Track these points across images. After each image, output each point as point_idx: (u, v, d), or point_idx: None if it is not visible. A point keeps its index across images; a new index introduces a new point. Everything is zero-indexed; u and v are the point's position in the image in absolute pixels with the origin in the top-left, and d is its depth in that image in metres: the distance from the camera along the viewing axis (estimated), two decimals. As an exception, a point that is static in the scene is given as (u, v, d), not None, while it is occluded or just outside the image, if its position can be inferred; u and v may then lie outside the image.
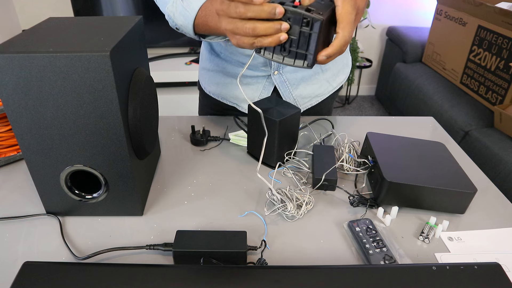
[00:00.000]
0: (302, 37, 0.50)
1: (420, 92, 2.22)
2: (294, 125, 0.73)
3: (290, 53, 0.52)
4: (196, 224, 0.60)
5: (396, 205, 0.62)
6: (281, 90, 0.89)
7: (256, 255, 0.54)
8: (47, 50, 0.46)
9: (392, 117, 0.96)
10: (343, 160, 0.72)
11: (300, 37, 0.50)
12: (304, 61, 0.51)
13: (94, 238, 0.57)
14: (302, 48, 0.51)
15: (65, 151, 0.53)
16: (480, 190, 0.69)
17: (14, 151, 0.73)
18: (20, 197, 0.65)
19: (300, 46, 0.51)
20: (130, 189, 0.58)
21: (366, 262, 0.53)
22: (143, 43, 0.65)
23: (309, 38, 0.49)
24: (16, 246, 0.56)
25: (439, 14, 2.26)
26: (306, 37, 0.50)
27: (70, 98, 0.49)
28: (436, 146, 0.73)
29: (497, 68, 1.80)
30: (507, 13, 1.71)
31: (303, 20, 0.48)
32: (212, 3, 0.68)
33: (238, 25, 0.50)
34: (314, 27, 0.48)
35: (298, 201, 0.62)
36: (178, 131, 0.87)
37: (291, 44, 0.51)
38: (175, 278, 0.44)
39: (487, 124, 1.78)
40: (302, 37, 0.50)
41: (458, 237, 0.59)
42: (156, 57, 2.33)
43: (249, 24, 0.49)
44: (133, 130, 0.55)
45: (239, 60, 0.86)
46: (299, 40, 0.50)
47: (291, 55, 0.52)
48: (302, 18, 0.48)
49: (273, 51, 0.52)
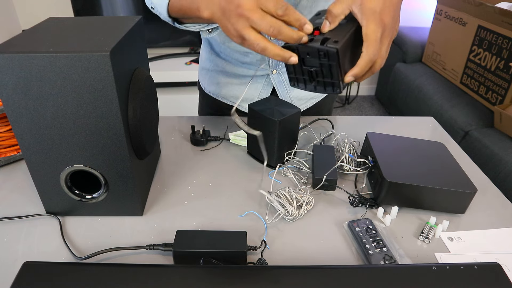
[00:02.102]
0: (325, 68, 0.51)
1: (420, 92, 2.22)
2: (294, 125, 0.73)
3: (319, 82, 0.53)
4: (196, 224, 0.60)
5: (396, 205, 0.62)
6: (279, 90, 0.90)
7: (256, 255, 0.54)
8: (47, 50, 0.46)
9: (392, 117, 0.96)
10: (343, 160, 0.72)
11: (323, 68, 0.51)
12: (333, 88, 0.53)
13: (94, 238, 0.57)
14: (327, 77, 0.52)
15: (65, 151, 0.53)
16: (480, 190, 0.69)
17: (14, 151, 0.73)
18: (20, 197, 0.65)
19: (325, 75, 0.52)
20: (130, 189, 0.58)
21: (366, 262, 0.53)
22: (143, 43, 0.65)
23: (330, 67, 0.50)
24: (16, 246, 0.56)
25: (439, 14, 2.26)
26: (327, 67, 0.50)
27: (70, 98, 0.49)
28: (436, 146, 0.73)
29: (497, 68, 1.80)
30: (507, 13, 1.71)
31: (320, 53, 0.49)
32: None
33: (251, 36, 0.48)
34: (331, 58, 0.49)
35: (298, 202, 0.62)
36: (178, 131, 0.87)
37: (317, 75, 0.52)
38: (175, 278, 0.44)
39: (487, 124, 1.78)
40: (325, 67, 0.51)
41: (458, 237, 0.59)
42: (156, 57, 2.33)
43: (262, 44, 0.48)
44: (133, 130, 0.55)
45: (239, 60, 0.87)
46: (322, 70, 0.51)
47: (320, 84, 0.53)
48: (318, 51, 0.49)
49: (305, 83, 0.55)
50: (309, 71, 0.53)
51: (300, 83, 0.55)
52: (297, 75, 0.55)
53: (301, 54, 0.51)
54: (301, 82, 0.55)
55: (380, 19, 0.50)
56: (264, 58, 0.84)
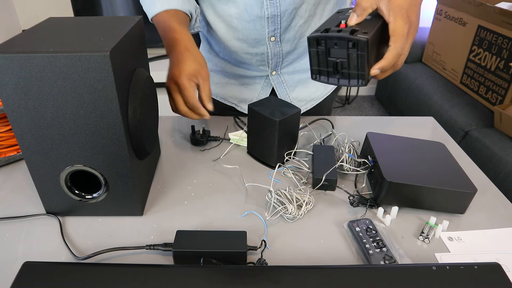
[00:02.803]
0: (352, 59, 0.51)
1: (420, 92, 2.22)
2: (294, 125, 0.73)
3: (343, 74, 0.53)
4: (196, 224, 0.60)
5: (396, 205, 0.62)
6: (278, 91, 0.90)
7: (256, 255, 0.54)
8: (47, 50, 0.46)
9: (392, 117, 0.96)
10: (343, 160, 0.72)
11: (350, 59, 0.51)
12: (359, 80, 0.53)
13: (94, 238, 0.57)
14: (353, 69, 0.52)
15: (65, 151, 0.53)
16: (480, 190, 0.69)
17: (14, 151, 0.73)
18: (20, 197, 0.65)
19: (351, 67, 0.52)
20: (130, 189, 0.58)
21: (366, 262, 0.53)
22: (143, 43, 0.65)
23: (358, 58, 0.51)
24: (16, 246, 0.56)
25: (439, 14, 2.26)
26: (355, 58, 0.51)
27: (70, 98, 0.49)
28: (436, 146, 0.73)
29: (497, 68, 1.80)
30: (507, 13, 1.71)
31: (349, 43, 0.50)
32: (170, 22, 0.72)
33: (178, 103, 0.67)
34: (360, 48, 0.49)
35: (298, 202, 0.62)
36: (178, 131, 0.87)
37: (342, 67, 0.52)
38: (175, 278, 0.44)
39: (487, 124, 1.78)
40: (352, 58, 0.51)
41: (458, 237, 0.59)
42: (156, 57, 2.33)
43: (183, 110, 0.67)
44: (133, 130, 0.55)
45: (238, 60, 0.87)
46: (349, 62, 0.51)
47: (344, 76, 0.53)
48: (348, 41, 0.50)
49: (328, 75, 0.55)
50: (334, 62, 0.52)
51: (323, 76, 0.55)
52: (321, 67, 0.54)
53: (328, 44, 0.51)
54: (324, 75, 0.55)
55: (407, 16, 0.52)
56: (263, 58, 0.84)
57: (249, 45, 0.82)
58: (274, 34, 0.79)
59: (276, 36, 0.80)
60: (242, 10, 0.76)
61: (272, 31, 0.79)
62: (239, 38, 0.81)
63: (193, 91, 0.65)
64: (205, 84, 0.66)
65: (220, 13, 0.79)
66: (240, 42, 0.82)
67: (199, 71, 0.66)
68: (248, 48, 0.82)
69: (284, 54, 0.84)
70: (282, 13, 0.76)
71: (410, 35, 0.53)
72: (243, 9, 0.76)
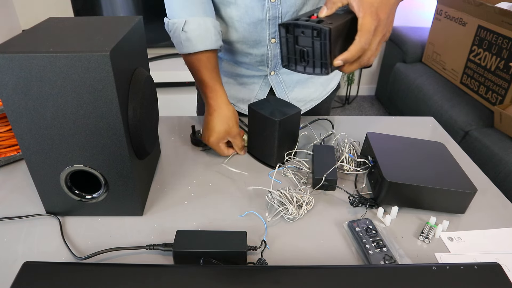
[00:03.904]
0: (316, 47, 0.54)
1: (420, 92, 2.22)
2: (294, 125, 0.73)
3: (309, 63, 0.56)
4: (196, 224, 0.60)
5: (396, 205, 0.62)
6: (277, 91, 0.89)
7: (256, 255, 0.54)
8: (47, 50, 0.46)
9: (392, 117, 0.96)
10: (343, 160, 0.72)
11: (314, 47, 0.54)
12: (322, 69, 0.56)
13: (94, 238, 0.57)
14: (317, 57, 0.55)
15: (65, 151, 0.53)
16: (480, 190, 0.69)
17: (14, 151, 0.73)
18: (20, 197, 0.65)
19: (315, 55, 0.55)
20: (130, 189, 0.58)
21: (366, 262, 0.53)
22: (143, 43, 0.65)
23: (321, 47, 0.53)
24: (16, 246, 0.56)
25: (439, 14, 2.26)
26: (319, 47, 0.53)
27: (70, 98, 0.49)
28: (436, 146, 0.73)
29: (497, 68, 1.80)
30: (507, 13, 1.71)
31: (313, 31, 0.52)
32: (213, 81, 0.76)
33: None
34: (322, 37, 0.52)
35: (298, 202, 0.62)
36: (178, 131, 0.87)
37: (308, 55, 0.55)
38: (175, 278, 0.44)
39: (487, 124, 1.78)
40: (316, 47, 0.54)
41: (458, 237, 0.59)
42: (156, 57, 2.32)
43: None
44: (133, 130, 0.55)
45: (238, 59, 0.86)
46: (313, 50, 0.54)
47: (310, 64, 0.56)
48: (312, 29, 0.52)
49: (295, 63, 0.58)
50: (301, 50, 0.55)
51: (291, 63, 0.58)
52: (290, 54, 0.58)
53: (295, 32, 0.54)
54: (292, 62, 0.58)
55: (376, 13, 0.53)
56: (263, 59, 0.84)
57: (249, 46, 0.82)
58: (274, 36, 0.79)
59: (277, 37, 0.80)
60: (243, 13, 0.76)
61: (273, 33, 0.79)
62: (239, 40, 0.81)
63: (223, 150, 0.76)
64: (236, 140, 0.77)
65: (221, 15, 0.79)
66: (240, 43, 0.82)
67: (228, 132, 0.75)
68: (248, 49, 0.82)
69: None
70: (283, 15, 0.76)
71: (379, 32, 0.54)
72: (244, 11, 0.76)
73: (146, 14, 2.27)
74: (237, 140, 0.77)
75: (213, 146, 0.75)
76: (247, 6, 0.75)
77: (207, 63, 0.75)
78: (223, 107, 0.75)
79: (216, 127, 0.74)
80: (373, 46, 0.55)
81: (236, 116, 0.76)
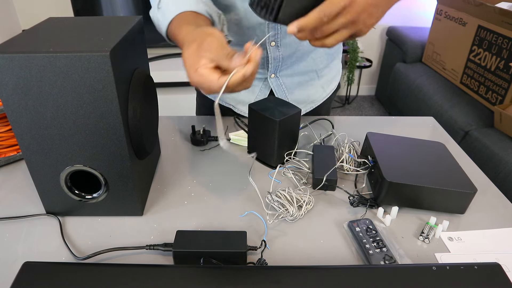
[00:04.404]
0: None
1: (420, 92, 2.22)
2: (295, 125, 0.73)
3: (265, 5, 0.51)
4: (196, 224, 0.60)
5: (396, 205, 0.62)
6: (277, 94, 0.89)
7: (256, 255, 0.54)
8: (47, 50, 0.46)
9: (392, 117, 0.96)
10: (343, 160, 0.72)
11: None
12: (266, 12, 0.51)
13: (94, 238, 0.57)
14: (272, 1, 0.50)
15: (65, 151, 0.53)
16: (480, 190, 0.69)
17: (14, 151, 0.73)
18: (20, 197, 0.65)
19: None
20: (130, 189, 0.58)
21: (366, 262, 0.53)
22: (143, 43, 0.65)
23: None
24: (16, 246, 0.56)
25: (439, 14, 2.26)
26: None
27: (70, 98, 0.49)
28: (436, 146, 0.73)
29: (497, 68, 1.80)
30: (507, 13, 1.71)
31: None
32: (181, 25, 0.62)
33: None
34: None
35: (298, 202, 0.62)
36: (178, 131, 0.87)
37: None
38: (175, 278, 0.44)
39: (487, 124, 1.78)
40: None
41: (458, 237, 0.59)
42: (156, 57, 2.32)
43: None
44: (133, 130, 0.55)
45: None
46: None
47: (265, 6, 0.51)
48: None
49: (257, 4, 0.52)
50: None
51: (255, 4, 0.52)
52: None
53: None
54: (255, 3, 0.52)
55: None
56: (262, 62, 0.84)
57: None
58: (274, 39, 0.80)
59: (276, 41, 0.80)
60: (242, 17, 0.76)
61: (272, 36, 0.79)
62: (239, 43, 0.81)
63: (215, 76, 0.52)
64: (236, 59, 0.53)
65: None
66: (239, 47, 0.82)
67: (223, 47, 0.54)
68: None
69: (284, 58, 0.84)
70: None
71: (347, 13, 0.49)
72: (243, 15, 0.76)
73: (146, 14, 2.27)
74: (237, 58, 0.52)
75: (203, 75, 0.51)
76: (246, 10, 0.75)
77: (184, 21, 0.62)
78: (207, 31, 0.56)
79: (205, 45, 0.52)
80: (332, 26, 0.49)
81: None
